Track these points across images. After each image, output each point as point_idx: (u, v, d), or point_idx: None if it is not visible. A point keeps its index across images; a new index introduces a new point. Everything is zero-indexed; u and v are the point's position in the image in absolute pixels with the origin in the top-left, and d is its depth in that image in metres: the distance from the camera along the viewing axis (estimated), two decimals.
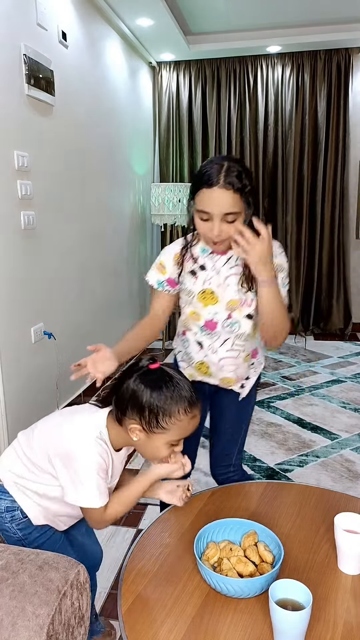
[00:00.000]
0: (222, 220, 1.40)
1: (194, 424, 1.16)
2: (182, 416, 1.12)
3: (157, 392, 1.11)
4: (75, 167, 3.24)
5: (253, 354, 1.63)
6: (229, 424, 1.73)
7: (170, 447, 1.16)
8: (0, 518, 1.22)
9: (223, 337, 1.55)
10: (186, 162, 5.06)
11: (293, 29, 4.43)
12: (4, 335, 2.47)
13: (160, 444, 1.14)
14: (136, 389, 1.13)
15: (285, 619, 0.92)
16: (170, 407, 1.11)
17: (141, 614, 1.04)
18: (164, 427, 1.11)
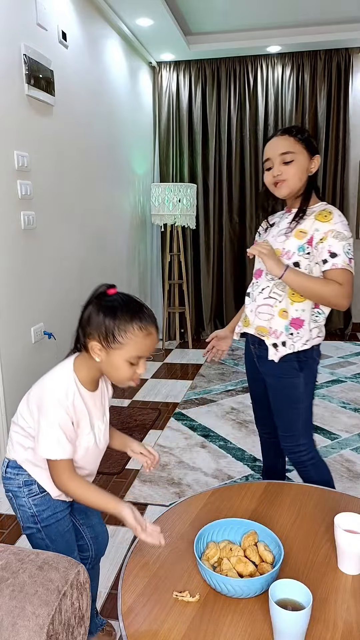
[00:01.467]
0: (280, 163, 1.60)
1: (151, 341, 1.19)
2: (137, 331, 1.15)
3: (113, 311, 1.15)
4: (75, 167, 3.24)
5: (294, 322, 1.63)
6: (275, 399, 1.75)
7: (132, 367, 1.18)
8: (18, 492, 1.26)
9: (263, 285, 1.69)
10: (186, 162, 5.06)
11: (293, 29, 4.43)
12: (4, 335, 2.47)
13: (120, 361, 1.16)
14: (94, 310, 1.17)
15: (285, 619, 0.92)
16: (125, 323, 1.15)
17: (141, 614, 1.04)
18: (120, 342, 1.15)
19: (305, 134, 1.63)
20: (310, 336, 1.64)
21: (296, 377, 1.68)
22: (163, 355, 4.69)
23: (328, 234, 1.56)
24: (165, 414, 3.29)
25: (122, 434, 1.43)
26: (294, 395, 1.70)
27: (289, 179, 1.61)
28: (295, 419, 1.72)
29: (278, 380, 1.71)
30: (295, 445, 1.74)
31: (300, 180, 1.62)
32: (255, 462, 2.62)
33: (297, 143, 1.60)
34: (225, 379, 3.93)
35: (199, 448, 2.79)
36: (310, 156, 1.62)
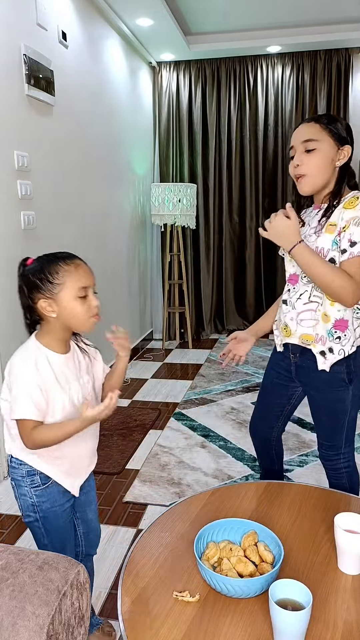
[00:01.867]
0: (302, 151, 1.44)
1: (82, 269, 1.25)
2: (65, 266, 1.23)
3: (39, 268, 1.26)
4: (75, 167, 3.24)
5: (337, 324, 1.48)
6: (318, 412, 1.63)
7: (83, 302, 1.23)
8: (21, 481, 1.30)
9: (301, 290, 1.54)
10: (186, 162, 5.06)
11: (293, 29, 4.43)
12: (4, 335, 2.47)
13: (70, 302, 1.23)
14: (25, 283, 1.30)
15: (285, 619, 0.92)
16: (52, 267, 1.24)
17: (141, 614, 1.04)
18: (58, 282, 1.22)
19: (336, 122, 1.45)
20: (355, 336, 1.49)
21: (344, 390, 1.54)
22: (163, 355, 4.69)
23: (350, 222, 1.39)
24: (165, 414, 3.29)
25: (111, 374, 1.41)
26: (340, 409, 1.57)
27: (309, 172, 1.45)
28: (339, 430, 1.61)
29: (324, 394, 1.57)
30: (336, 454, 1.65)
31: (322, 173, 1.45)
32: (255, 462, 2.62)
33: (323, 130, 1.43)
34: (225, 379, 3.93)
35: (199, 448, 2.79)
36: (338, 146, 1.44)
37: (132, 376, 4.09)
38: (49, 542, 1.32)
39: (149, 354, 4.74)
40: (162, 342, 4.96)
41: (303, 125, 1.47)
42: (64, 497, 1.33)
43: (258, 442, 1.87)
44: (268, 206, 5.08)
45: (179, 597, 1.07)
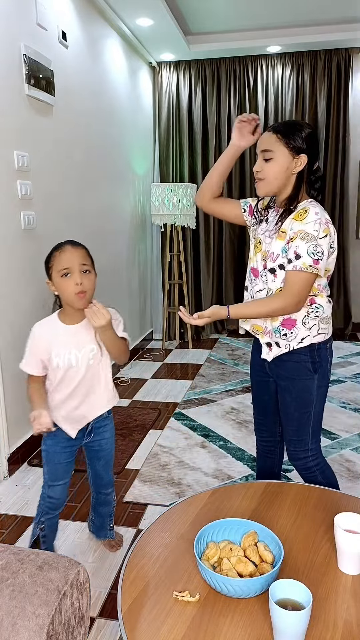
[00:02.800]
0: (261, 159, 1.61)
1: (64, 254, 1.52)
2: (54, 252, 1.54)
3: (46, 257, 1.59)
4: (75, 167, 3.24)
5: (285, 322, 1.61)
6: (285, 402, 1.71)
7: (67, 280, 1.51)
8: None
9: (260, 286, 1.69)
10: (186, 162, 5.06)
11: (293, 29, 4.42)
12: (5, 335, 2.47)
13: (57, 279, 1.53)
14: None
15: (285, 619, 0.92)
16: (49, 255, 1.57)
17: (141, 614, 1.04)
18: (49, 266, 1.55)
19: (293, 133, 1.56)
20: (308, 333, 1.62)
21: (310, 378, 1.65)
22: (163, 355, 4.69)
23: (297, 234, 1.52)
24: (165, 414, 3.29)
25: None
26: (306, 398, 1.66)
27: (266, 178, 1.60)
28: (306, 423, 1.69)
29: (290, 383, 1.67)
30: (303, 450, 1.71)
31: (277, 179, 1.59)
32: (255, 462, 2.62)
33: (278, 141, 1.57)
34: (225, 379, 3.93)
35: (199, 448, 2.79)
36: (294, 155, 1.56)
37: (132, 376, 4.09)
38: (46, 471, 1.68)
39: (149, 354, 4.74)
40: (162, 342, 4.96)
41: (265, 134, 1.62)
42: (68, 442, 1.66)
43: (265, 438, 1.92)
44: None
45: (179, 597, 1.07)
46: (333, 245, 1.56)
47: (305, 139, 1.56)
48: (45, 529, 1.72)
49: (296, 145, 1.56)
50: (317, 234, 1.50)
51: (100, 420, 1.72)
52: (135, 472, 2.56)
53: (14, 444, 2.59)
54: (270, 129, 1.61)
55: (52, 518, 1.73)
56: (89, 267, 1.56)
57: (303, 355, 1.63)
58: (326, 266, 1.57)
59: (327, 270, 1.60)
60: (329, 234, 1.52)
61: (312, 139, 1.58)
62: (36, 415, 1.52)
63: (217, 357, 4.53)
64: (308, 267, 1.51)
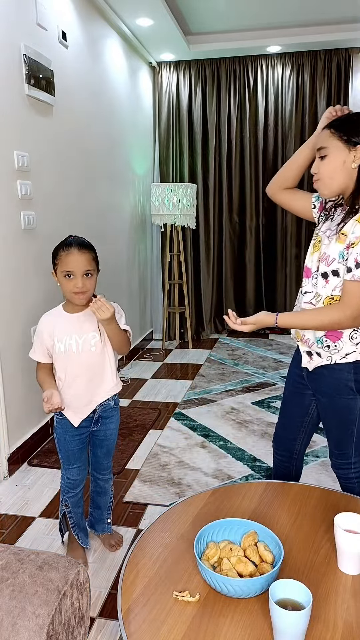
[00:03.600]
0: (317, 158, 1.50)
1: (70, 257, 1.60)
2: (61, 252, 1.62)
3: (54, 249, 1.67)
4: (75, 167, 3.24)
5: (330, 334, 1.50)
6: (327, 418, 1.64)
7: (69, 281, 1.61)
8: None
9: (307, 288, 1.57)
10: (186, 162, 5.06)
11: (293, 29, 4.42)
12: (4, 335, 2.47)
13: (60, 277, 1.63)
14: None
15: (285, 619, 0.92)
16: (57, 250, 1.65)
17: (141, 614, 1.04)
18: (56, 263, 1.64)
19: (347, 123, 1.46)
20: (354, 349, 1.50)
21: (352, 398, 1.55)
22: (163, 355, 4.69)
23: (357, 240, 1.39)
24: (165, 414, 3.29)
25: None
26: (348, 417, 1.58)
27: (321, 178, 1.49)
28: (348, 439, 1.61)
29: (331, 400, 1.58)
30: (346, 462, 1.65)
31: (334, 179, 1.47)
32: (255, 462, 2.62)
33: (331, 136, 1.46)
34: (225, 379, 3.93)
35: (199, 448, 2.79)
36: (350, 148, 1.43)
37: (132, 376, 4.09)
38: (61, 456, 1.81)
39: (149, 354, 4.74)
40: (162, 342, 4.96)
41: (323, 132, 1.50)
42: (76, 431, 1.76)
43: (280, 453, 1.84)
44: (267, 205, 5.08)
45: (179, 597, 1.07)
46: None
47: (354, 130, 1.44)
48: (69, 505, 1.85)
49: (351, 136, 1.43)
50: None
51: (108, 410, 1.81)
52: (135, 472, 2.56)
53: (14, 444, 2.59)
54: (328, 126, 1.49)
55: (74, 496, 1.85)
56: (92, 271, 1.65)
57: (346, 372, 1.52)
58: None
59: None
60: None
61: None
62: (48, 395, 1.64)
63: (217, 357, 4.53)
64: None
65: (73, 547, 1.90)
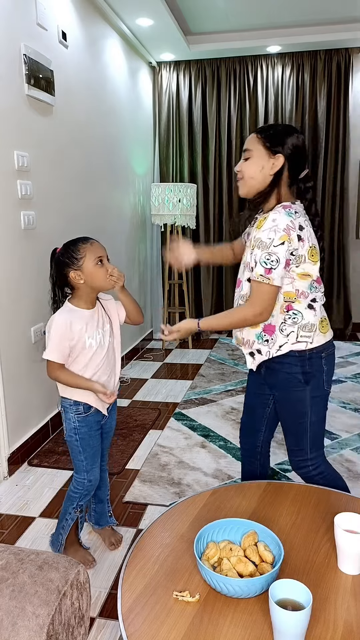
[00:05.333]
0: (243, 158, 1.61)
1: (95, 246, 1.70)
2: (82, 244, 1.68)
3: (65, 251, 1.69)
4: (75, 167, 3.24)
5: (266, 328, 1.60)
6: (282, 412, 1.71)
7: (101, 267, 1.67)
8: (69, 408, 1.75)
9: (236, 297, 1.70)
10: (186, 162, 5.06)
11: (293, 29, 4.42)
12: (4, 335, 2.47)
13: (91, 267, 1.66)
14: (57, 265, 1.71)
15: (285, 619, 0.92)
16: (74, 247, 1.68)
17: (141, 614, 1.04)
18: (81, 257, 1.66)
19: (273, 131, 1.57)
20: (286, 340, 1.59)
21: (302, 390, 1.62)
22: (163, 355, 4.69)
23: (255, 243, 1.52)
24: (165, 414, 3.29)
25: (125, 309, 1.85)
26: (299, 409, 1.64)
27: (244, 177, 1.60)
28: (302, 433, 1.66)
29: (284, 393, 1.66)
30: (303, 460, 1.69)
31: (254, 180, 1.58)
32: None
33: (257, 140, 1.57)
34: (225, 379, 3.93)
35: (199, 448, 2.79)
36: (270, 155, 1.55)
37: (132, 376, 4.09)
38: (83, 458, 1.78)
39: (149, 354, 4.74)
40: (162, 342, 4.96)
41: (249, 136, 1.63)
42: (97, 425, 1.79)
43: (245, 447, 1.91)
44: None
45: (179, 597, 1.07)
46: (295, 253, 1.49)
47: (289, 142, 1.55)
48: (82, 510, 1.85)
49: (273, 145, 1.55)
50: (270, 242, 1.47)
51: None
52: (135, 472, 2.56)
53: (14, 444, 2.59)
54: (255, 129, 1.64)
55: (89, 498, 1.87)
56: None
57: (294, 365, 1.60)
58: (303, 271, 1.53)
59: (306, 275, 1.54)
60: (288, 240, 1.47)
61: (296, 145, 1.56)
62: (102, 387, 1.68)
63: (217, 357, 4.53)
64: (259, 277, 1.50)
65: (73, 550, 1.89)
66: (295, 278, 1.54)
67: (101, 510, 2.00)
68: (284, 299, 1.56)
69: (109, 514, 2.02)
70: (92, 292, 1.72)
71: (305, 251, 1.52)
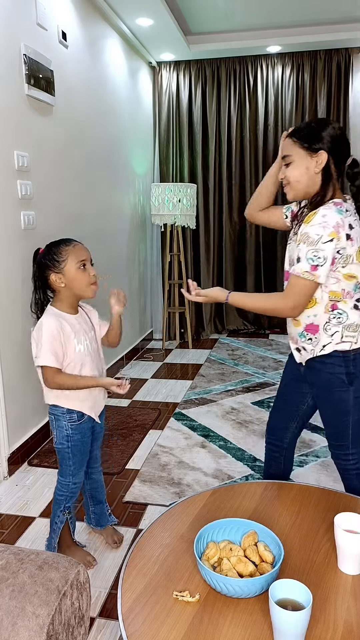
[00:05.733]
0: (283, 165, 1.60)
1: (79, 248, 1.67)
2: (65, 247, 1.65)
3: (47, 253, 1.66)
4: (75, 167, 3.24)
5: (308, 328, 1.60)
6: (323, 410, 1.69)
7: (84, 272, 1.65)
8: (62, 417, 1.72)
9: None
10: (186, 162, 5.06)
11: (293, 29, 4.42)
12: (4, 335, 2.47)
13: (73, 272, 1.63)
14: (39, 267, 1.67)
15: (285, 619, 0.92)
16: (56, 249, 1.65)
17: (141, 614, 1.04)
18: (63, 259, 1.63)
19: (306, 130, 1.55)
20: (330, 340, 1.57)
21: (345, 390, 1.59)
22: (163, 355, 4.69)
23: (302, 238, 1.50)
24: (165, 414, 3.29)
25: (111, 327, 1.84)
26: (342, 409, 1.62)
27: (289, 183, 1.59)
28: (344, 430, 1.65)
29: (325, 393, 1.64)
30: (344, 453, 1.68)
31: (300, 183, 1.57)
32: (255, 462, 2.62)
33: (294, 143, 1.56)
34: (225, 379, 3.93)
35: (199, 448, 2.79)
36: (311, 154, 1.53)
37: (132, 376, 4.09)
38: (72, 464, 1.76)
39: (149, 354, 4.74)
40: (162, 342, 4.96)
41: (285, 140, 1.61)
42: (89, 431, 1.78)
43: (271, 441, 1.89)
44: None
45: (179, 597, 1.07)
46: (342, 252, 1.47)
47: (325, 136, 1.52)
48: (70, 512, 1.85)
49: (312, 143, 1.53)
50: (318, 238, 1.45)
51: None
52: (135, 472, 2.56)
53: (14, 444, 2.59)
54: (290, 134, 1.59)
55: (75, 500, 1.86)
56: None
57: (337, 366, 1.58)
58: (349, 272, 1.50)
59: (352, 276, 1.51)
60: (336, 238, 1.45)
61: (335, 136, 1.53)
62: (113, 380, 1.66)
63: (217, 357, 4.53)
64: (304, 273, 1.48)
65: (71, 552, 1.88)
66: (341, 279, 1.51)
67: (100, 511, 2.00)
68: (330, 297, 1.54)
69: (108, 514, 2.03)
70: (72, 296, 1.69)
71: (353, 251, 1.49)
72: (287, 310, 1.55)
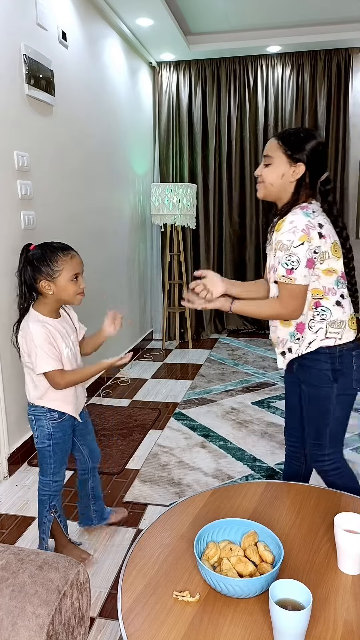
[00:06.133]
0: (263, 163, 1.63)
1: (76, 260, 1.67)
2: (63, 257, 1.64)
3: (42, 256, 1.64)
4: (75, 167, 3.24)
5: (298, 327, 1.64)
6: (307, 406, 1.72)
7: (75, 283, 1.66)
8: (42, 416, 1.73)
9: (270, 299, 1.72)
10: (186, 162, 5.06)
11: (293, 29, 4.42)
12: (4, 335, 2.47)
13: (65, 283, 1.64)
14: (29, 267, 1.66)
15: (285, 619, 0.92)
16: (53, 257, 1.64)
17: (141, 614, 1.04)
18: (58, 269, 1.63)
19: (294, 139, 1.57)
20: (315, 337, 1.62)
21: (329, 387, 1.63)
22: (163, 355, 4.69)
23: (277, 246, 1.56)
24: (165, 414, 3.29)
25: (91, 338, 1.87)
26: (324, 405, 1.66)
27: (264, 182, 1.63)
28: (323, 428, 1.68)
29: (312, 389, 1.68)
30: (320, 454, 1.72)
31: (274, 186, 1.61)
32: (255, 462, 2.62)
33: (278, 148, 1.58)
34: (225, 379, 3.93)
35: (199, 448, 2.79)
36: (291, 163, 1.57)
37: (132, 376, 4.09)
38: (52, 462, 1.77)
39: (149, 354, 4.74)
40: (162, 342, 4.96)
41: (271, 139, 1.64)
42: (70, 429, 1.80)
43: (291, 442, 1.92)
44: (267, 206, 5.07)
45: (179, 597, 1.07)
46: (318, 250, 1.52)
47: (309, 150, 1.56)
48: (57, 510, 1.85)
49: (295, 152, 1.56)
50: (290, 243, 1.51)
51: None
52: (135, 472, 2.56)
53: (14, 444, 2.59)
54: (275, 134, 1.63)
55: (59, 498, 1.86)
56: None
57: (324, 362, 1.62)
58: (328, 267, 1.55)
59: (331, 270, 1.56)
60: (307, 240, 1.50)
61: (317, 151, 1.57)
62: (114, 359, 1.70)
63: (217, 357, 4.53)
64: (281, 277, 1.54)
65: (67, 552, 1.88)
66: (321, 275, 1.57)
67: (100, 507, 2.02)
68: (312, 296, 1.59)
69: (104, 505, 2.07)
70: (57, 302, 1.70)
71: (328, 247, 1.55)
72: (287, 313, 1.59)
